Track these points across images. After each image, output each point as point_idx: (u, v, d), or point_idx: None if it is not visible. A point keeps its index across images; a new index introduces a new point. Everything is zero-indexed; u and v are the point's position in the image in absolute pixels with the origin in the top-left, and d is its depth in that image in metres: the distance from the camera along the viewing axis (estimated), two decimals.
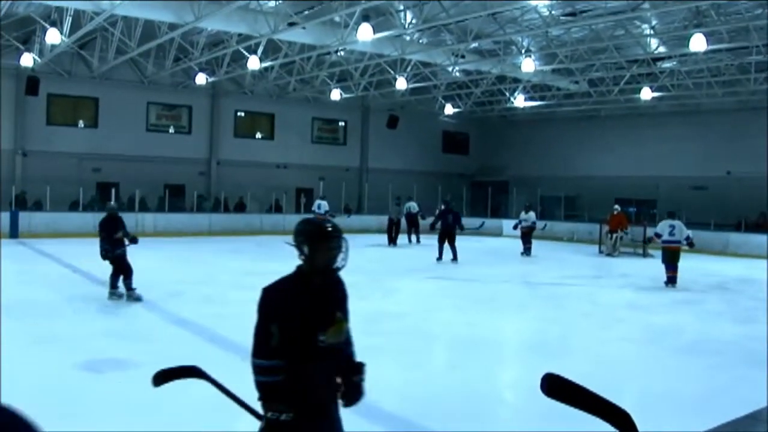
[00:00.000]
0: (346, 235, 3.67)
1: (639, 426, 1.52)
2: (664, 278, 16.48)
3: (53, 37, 20.90)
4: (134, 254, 13.00)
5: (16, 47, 24.94)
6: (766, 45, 21.57)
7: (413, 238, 27.57)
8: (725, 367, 8.95)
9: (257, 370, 3.37)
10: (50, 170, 26.06)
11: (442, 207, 22.27)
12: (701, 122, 30.67)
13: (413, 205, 28.13)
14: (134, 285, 12.40)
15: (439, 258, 20.57)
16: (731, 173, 28.98)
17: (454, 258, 20.23)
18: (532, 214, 24.68)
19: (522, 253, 23.16)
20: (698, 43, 19.11)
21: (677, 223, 16.81)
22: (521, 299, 13.86)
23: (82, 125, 29.61)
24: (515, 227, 24.17)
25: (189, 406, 6.71)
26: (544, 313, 12.56)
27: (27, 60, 24.28)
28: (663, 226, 16.88)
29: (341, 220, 23.77)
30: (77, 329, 9.30)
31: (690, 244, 16.77)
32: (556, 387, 1.64)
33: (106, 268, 13.31)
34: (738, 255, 24.20)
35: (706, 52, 21.55)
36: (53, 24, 20.93)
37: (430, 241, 23.22)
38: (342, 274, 3.66)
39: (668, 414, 6.76)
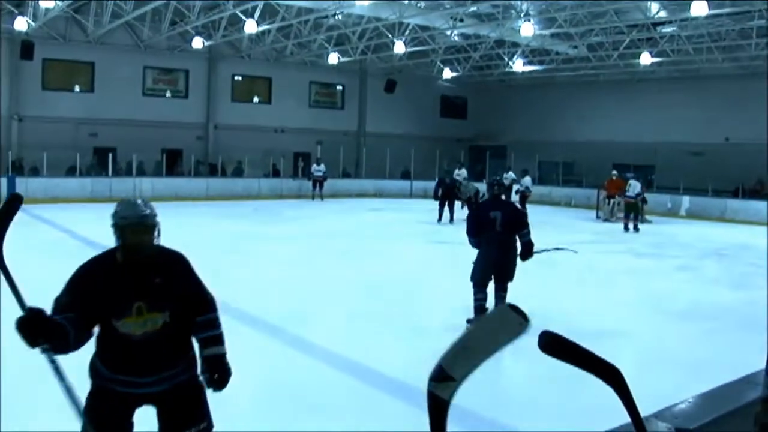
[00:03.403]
0: (344, 199, 3.69)
1: (636, 388, 1.53)
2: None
3: (47, 0, 20.69)
4: None
5: (10, 11, 24.69)
6: None
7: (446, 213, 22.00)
8: (722, 332, 9.00)
9: None
10: (46, 135, 25.92)
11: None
12: (700, 88, 30.50)
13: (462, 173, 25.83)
14: None
15: (439, 219, 21.17)
16: (729, 139, 28.89)
17: (451, 219, 21.16)
18: (527, 179, 24.99)
19: None
20: (699, 7, 18.96)
21: (632, 182, 21.39)
22: (519, 264, 13.88)
23: (78, 90, 29.42)
24: (516, 192, 24.74)
25: None
26: (542, 278, 12.58)
27: (21, 24, 24.04)
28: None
29: None
30: None
31: (642, 200, 21.41)
32: (553, 344, 1.70)
33: (104, 233, 13.27)
34: (736, 221, 24.23)
35: (707, 17, 21.41)
36: None
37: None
38: (340, 238, 3.66)
39: (665, 377, 6.80)
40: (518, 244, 9.05)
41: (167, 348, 3.58)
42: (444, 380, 1.51)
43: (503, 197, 9.81)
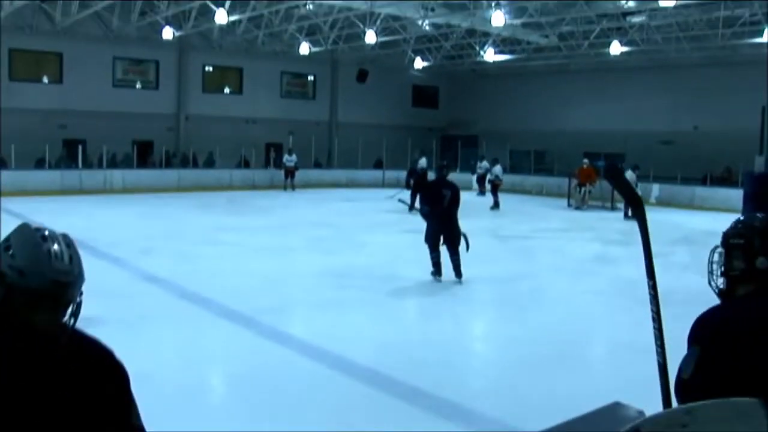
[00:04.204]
0: (317, 190, 3.59)
1: (609, 372, 1.57)
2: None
3: None
4: (103, 211, 12.89)
5: None
6: (734, 0, 21.67)
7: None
8: (690, 317, 9.11)
9: None
10: (14, 127, 25.41)
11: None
12: (670, 77, 30.78)
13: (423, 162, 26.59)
14: (105, 242, 12.17)
15: (411, 208, 21.20)
16: (698, 128, 29.20)
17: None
18: (498, 168, 25.05)
19: (491, 208, 23.30)
20: None
21: (629, 171, 21.80)
22: (491, 252, 13.98)
23: (47, 81, 29.08)
24: (488, 181, 24.93)
25: (156, 362, 6.74)
26: (515, 266, 12.69)
27: None
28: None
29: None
30: None
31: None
32: (612, 172, 2.60)
33: (76, 226, 13.10)
34: (704, 208, 24.51)
35: (675, 7, 21.62)
36: None
37: None
38: (313, 228, 3.56)
39: (636, 361, 6.90)
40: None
41: None
42: None
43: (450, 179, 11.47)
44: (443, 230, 10.75)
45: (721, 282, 2.31)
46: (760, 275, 2.18)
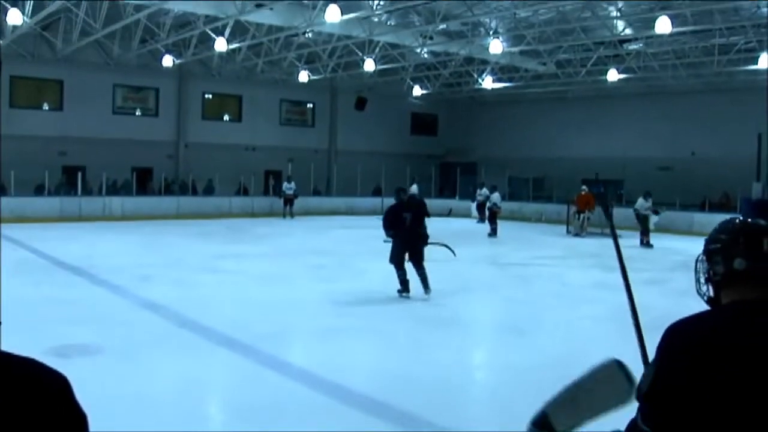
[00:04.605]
0: (315, 217, 3.61)
1: None
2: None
3: (15, 17, 20.54)
4: (102, 238, 12.90)
5: None
6: (729, 28, 21.89)
7: None
8: None
9: None
10: (14, 154, 25.53)
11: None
12: (667, 103, 30.95)
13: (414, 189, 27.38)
14: (103, 269, 12.15)
15: None
16: (696, 154, 29.32)
17: None
18: (496, 195, 25.06)
19: (489, 235, 23.31)
20: (663, 25, 19.34)
21: (639, 200, 22.24)
22: (490, 280, 13.97)
23: (47, 108, 29.21)
24: (487, 209, 24.96)
25: (155, 390, 6.72)
26: (514, 294, 12.68)
27: None
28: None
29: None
30: (44, 314, 9.23)
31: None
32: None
33: (75, 253, 13.13)
34: (703, 234, 23.54)
35: (671, 35, 21.77)
36: (14, 4, 20.56)
37: None
38: (312, 256, 3.58)
39: None
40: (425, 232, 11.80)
41: None
42: (544, 429, 1.50)
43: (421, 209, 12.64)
44: (407, 248, 11.55)
45: (706, 290, 2.29)
46: (738, 277, 2.16)
